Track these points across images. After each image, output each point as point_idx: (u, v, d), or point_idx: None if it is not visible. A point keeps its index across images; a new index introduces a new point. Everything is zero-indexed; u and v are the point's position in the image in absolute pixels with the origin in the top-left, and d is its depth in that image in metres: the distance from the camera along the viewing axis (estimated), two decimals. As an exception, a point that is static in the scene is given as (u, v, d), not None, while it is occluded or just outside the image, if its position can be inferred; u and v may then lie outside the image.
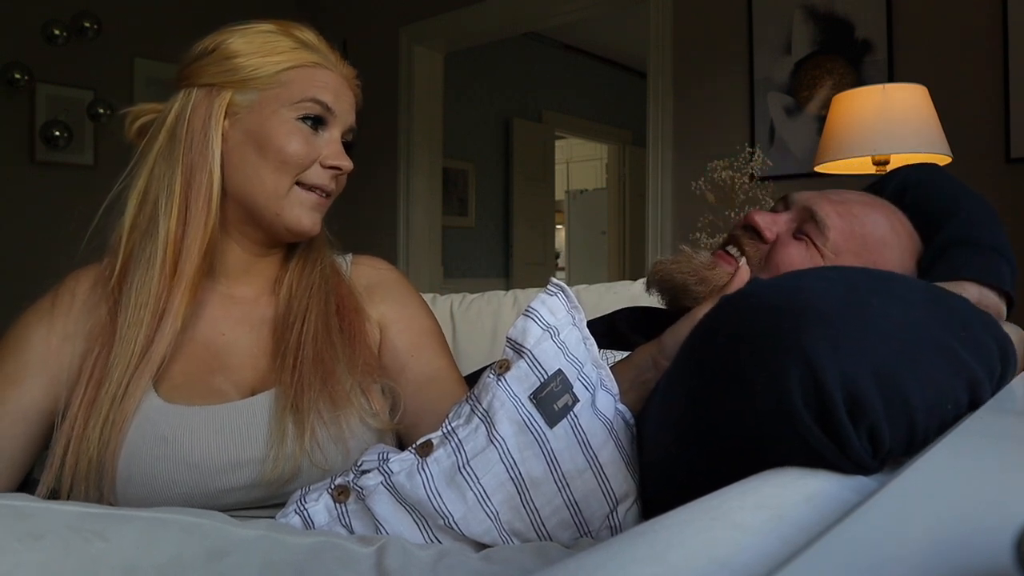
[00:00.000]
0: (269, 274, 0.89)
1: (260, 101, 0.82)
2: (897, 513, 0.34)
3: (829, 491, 0.43)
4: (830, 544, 0.29)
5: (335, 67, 0.87)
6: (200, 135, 0.81)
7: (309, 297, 0.86)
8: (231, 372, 0.83)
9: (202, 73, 0.82)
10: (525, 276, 5.00)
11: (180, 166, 0.81)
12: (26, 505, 0.53)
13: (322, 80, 0.84)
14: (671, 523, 0.36)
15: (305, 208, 0.84)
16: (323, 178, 0.84)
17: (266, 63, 0.82)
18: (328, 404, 0.80)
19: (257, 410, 0.79)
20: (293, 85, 0.82)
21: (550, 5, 3.35)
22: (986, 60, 2.18)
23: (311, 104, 0.82)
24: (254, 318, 0.87)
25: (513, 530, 0.69)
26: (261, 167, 0.81)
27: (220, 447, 0.76)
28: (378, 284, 0.95)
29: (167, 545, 0.54)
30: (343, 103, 0.87)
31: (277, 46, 0.83)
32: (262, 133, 0.81)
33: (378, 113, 3.84)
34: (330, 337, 0.84)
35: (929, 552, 0.28)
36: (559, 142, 6.02)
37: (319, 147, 0.83)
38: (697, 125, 2.77)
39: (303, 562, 0.58)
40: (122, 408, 0.74)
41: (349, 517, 0.73)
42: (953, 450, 0.43)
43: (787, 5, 2.56)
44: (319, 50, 0.86)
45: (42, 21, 3.12)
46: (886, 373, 0.46)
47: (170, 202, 0.80)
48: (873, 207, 0.78)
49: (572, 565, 0.32)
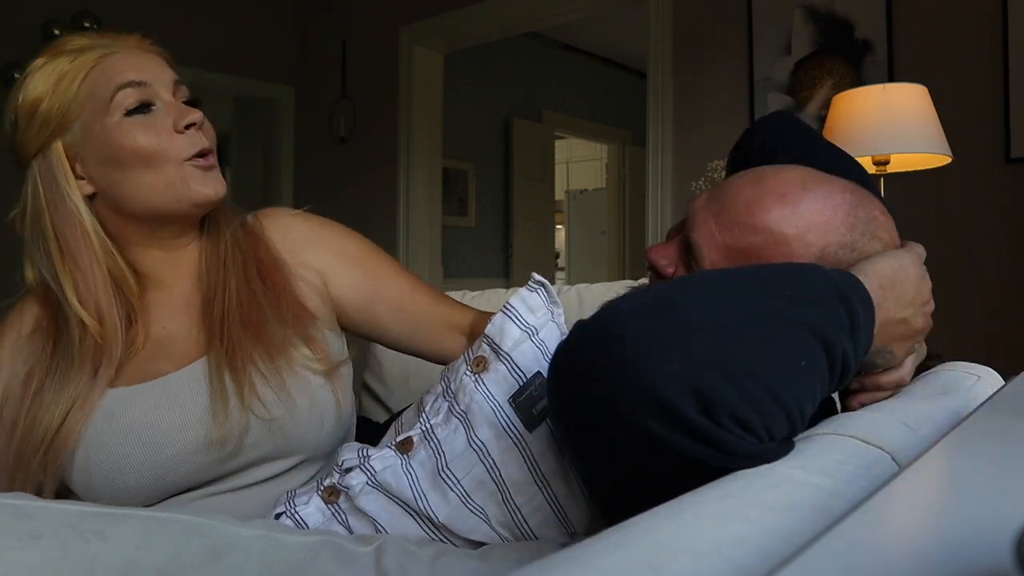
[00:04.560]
0: (189, 262, 0.89)
1: (84, 127, 0.80)
2: (897, 513, 0.34)
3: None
4: (830, 544, 0.29)
5: (115, 46, 0.82)
6: (57, 197, 0.80)
7: (224, 268, 0.87)
8: (174, 357, 0.84)
9: (25, 145, 0.81)
10: (525, 276, 4.95)
11: (52, 237, 0.81)
12: (26, 504, 0.53)
13: (114, 67, 0.80)
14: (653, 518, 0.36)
15: (198, 179, 0.82)
16: (194, 144, 0.81)
17: (63, 93, 0.79)
18: (264, 356, 0.81)
19: (195, 377, 0.81)
20: (96, 91, 0.79)
21: (550, 5, 3.35)
22: (986, 60, 2.18)
23: (123, 93, 0.79)
24: (187, 305, 0.88)
25: (501, 523, 0.69)
26: (134, 177, 0.80)
27: (163, 413, 0.78)
28: (298, 235, 0.94)
29: (166, 544, 0.54)
30: (150, 70, 0.82)
31: (60, 70, 0.79)
32: (108, 151, 0.79)
33: (378, 113, 3.84)
34: (255, 299, 0.85)
35: (929, 552, 0.28)
36: (559, 142, 6.02)
37: (163, 122, 0.80)
38: (697, 125, 2.77)
39: (302, 561, 0.58)
40: (79, 417, 0.77)
41: (345, 515, 0.73)
42: (953, 450, 0.43)
43: (787, 5, 2.56)
44: (93, 45, 0.81)
45: (42, 21, 3.12)
46: (716, 359, 0.47)
47: (61, 276, 0.81)
48: (776, 201, 0.66)
49: (563, 556, 0.32)
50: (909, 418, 0.57)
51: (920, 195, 2.18)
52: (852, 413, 0.61)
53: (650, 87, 2.90)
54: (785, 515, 0.39)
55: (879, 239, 0.67)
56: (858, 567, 0.27)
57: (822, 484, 0.43)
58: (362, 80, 3.92)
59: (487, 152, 4.92)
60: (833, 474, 0.45)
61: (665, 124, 2.84)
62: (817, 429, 0.55)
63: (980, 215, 2.18)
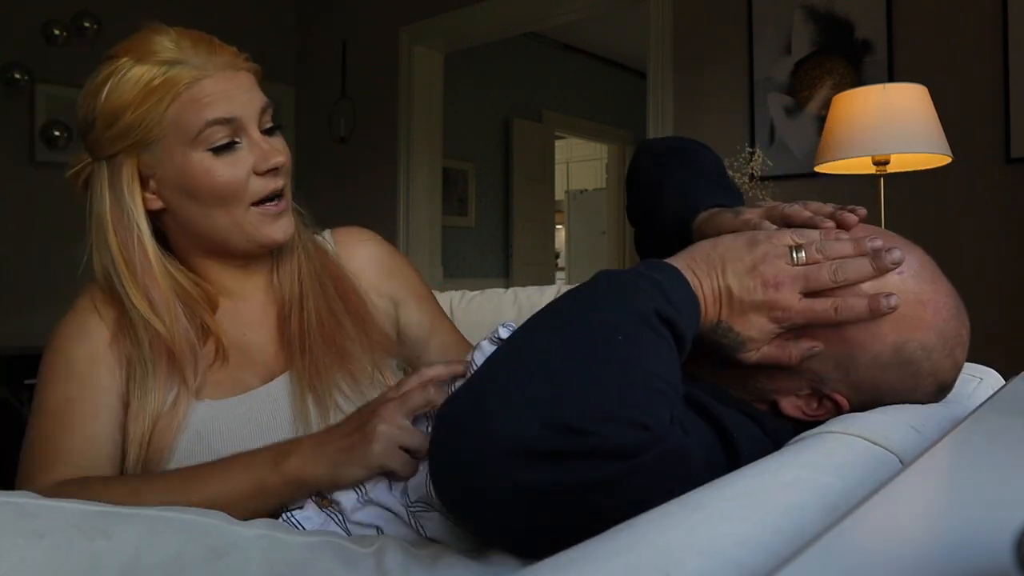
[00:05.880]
0: (260, 274, 0.90)
1: (165, 151, 0.78)
2: (897, 513, 0.34)
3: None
4: (830, 544, 0.29)
5: (210, 66, 0.78)
6: (122, 212, 0.79)
7: (299, 283, 0.87)
8: (257, 366, 0.85)
9: (98, 146, 0.79)
10: (525, 276, 5.00)
11: (116, 248, 0.80)
12: (29, 503, 0.53)
13: (206, 94, 0.77)
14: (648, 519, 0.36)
15: (268, 223, 0.82)
16: (267, 185, 0.81)
17: (148, 111, 0.76)
18: (349, 382, 0.82)
19: (277, 395, 0.82)
20: (184, 119, 0.77)
21: (550, 5, 3.35)
22: (986, 60, 2.18)
23: (212, 130, 0.77)
24: (263, 316, 0.88)
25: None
26: (206, 210, 0.80)
27: (248, 437, 0.78)
28: (374, 260, 0.95)
29: (169, 543, 0.54)
30: (239, 100, 0.79)
31: (148, 84, 0.76)
32: (185, 182, 0.79)
33: (378, 113, 3.84)
34: (337, 319, 0.86)
35: (929, 552, 0.28)
36: (559, 142, 6.02)
37: (245, 161, 0.79)
38: (697, 125, 2.77)
39: (303, 561, 0.58)
40: (170, 427, 0.78)
41: (342, 516, 0.73)
42: (953, 450, 0.43)
43: (787, 5, 2.56)
44: (185, 60, 0.77)
45: (42, 21, 3.12)
46: (554, 385, 0.48)
47: (122, 280, 0.80)
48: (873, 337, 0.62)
49: (572, 556, 0.32)
50: (915, 421, 0.57)
51: (920, 195, 2.18)
52: (861, 414, 0.60)
53: (650, 87, 2.90)
54: (795, 516, 0.39)
55: None
56: (858, 567, 0.27)
57: (833, 484, 0.43)
58: (362, 80, 3.92)
59: (487, 152, 4.92)
60: (843, 475, 0.45)
61: (665, 124, 2.84)
62: (827, 427, 0.56)
63: (980, 215, 2.18)
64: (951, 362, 0.64)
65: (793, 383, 0.65)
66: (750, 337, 0.61)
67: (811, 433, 0.55)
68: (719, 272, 0.61)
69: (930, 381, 0.63)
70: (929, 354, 0.62)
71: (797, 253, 0.61)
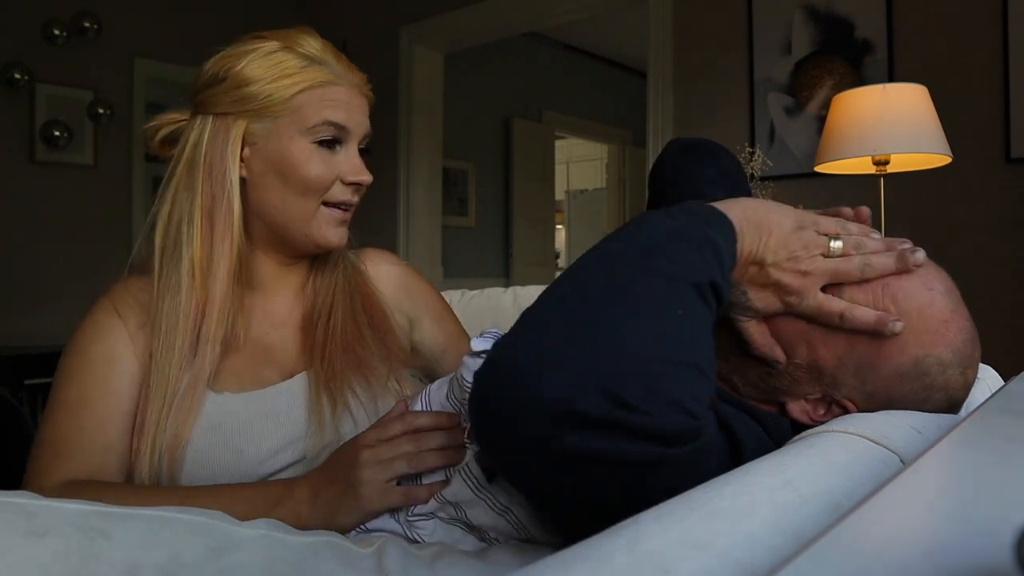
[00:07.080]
0: (297, 276, 0.93)
1: (276, 128, 0.83)
2: (898, 512, 0.34)
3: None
4: (830, 544, 0.29)
5: (344, 79, 0.86)
6: (218, 165, 0.83)
7: (332, 295, 0.91)
8: (277, 364, 0.88)
9: (215, 102, 0.83)
10: (525, 276, 5.00)
11: (200, 195, 0.83)
12: (30, 503, 0.53)
13: (333, 98, 0.84)
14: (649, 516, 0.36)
15: (331, 225, 0.87)
16: (346, 194, 0.87)
17: (278, 89, 0.82)
18: (364, 385, 0.85)
19: (295, 391, 0.84)
20: (306, 109, 0.83)
21: (550, 5, 3.35)
22: (986, 60, 2.18)
23: (326, 127, 0.84)
24: (290, 320, 0.91)
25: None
26: (285, 193, 0.84)
27: (265, 432, 0.81)
28: (397, 282, 1.01)
29: (169, 543, 0.54)
30: (356, 116, 0.87)
31: (286, 68, 0.83)
32: (282, 161, 0.83)
33: (378, 113, 3.81)
34: (359, 331, 0.90)
35: (929, 552, 0.28)
36: (559, 142, 6.02)
37: (338, 166, 0.86)
38: (697, 125, 2.77)
39: (303, 561, 0.58)
40: (183, 409, 0.79)
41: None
42: (953, 450, 0.43)
43: (787, 5, 2.56)
44: (326, 63, 0.85)
45: (42, 21, 3.12)
46: (612, 349, 0.47)
47: (191, 229, 0.83)
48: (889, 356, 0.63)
49: (572, 555, 0.32)
50: (916, 421, 0.57)
51: (920, 195, 2.18)
52: (864, 414, 0.60)
53: (650, 87, 2.90)
54: (796, 514, 0.39)
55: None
56: (858, 566, 0.27)
57: (834, 484, 0.43)
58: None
59: (487, 152, 4.92)
60: (844, 474, 0.45)
61: (665, 124, 2.84)
62: (828, 426, 0.56)
63: (980, 215, 2.18)
64: (963, 380, 0.65)
65: (807, 386, 0.65)
66: (753, 306, 0.63)
67: (812, 432, 0.55)
68: (763, 240, 0.61)
69: (940, 396, 0.64)
70: (944, 369, 0.62)
71: (835, 242, 0.62)
